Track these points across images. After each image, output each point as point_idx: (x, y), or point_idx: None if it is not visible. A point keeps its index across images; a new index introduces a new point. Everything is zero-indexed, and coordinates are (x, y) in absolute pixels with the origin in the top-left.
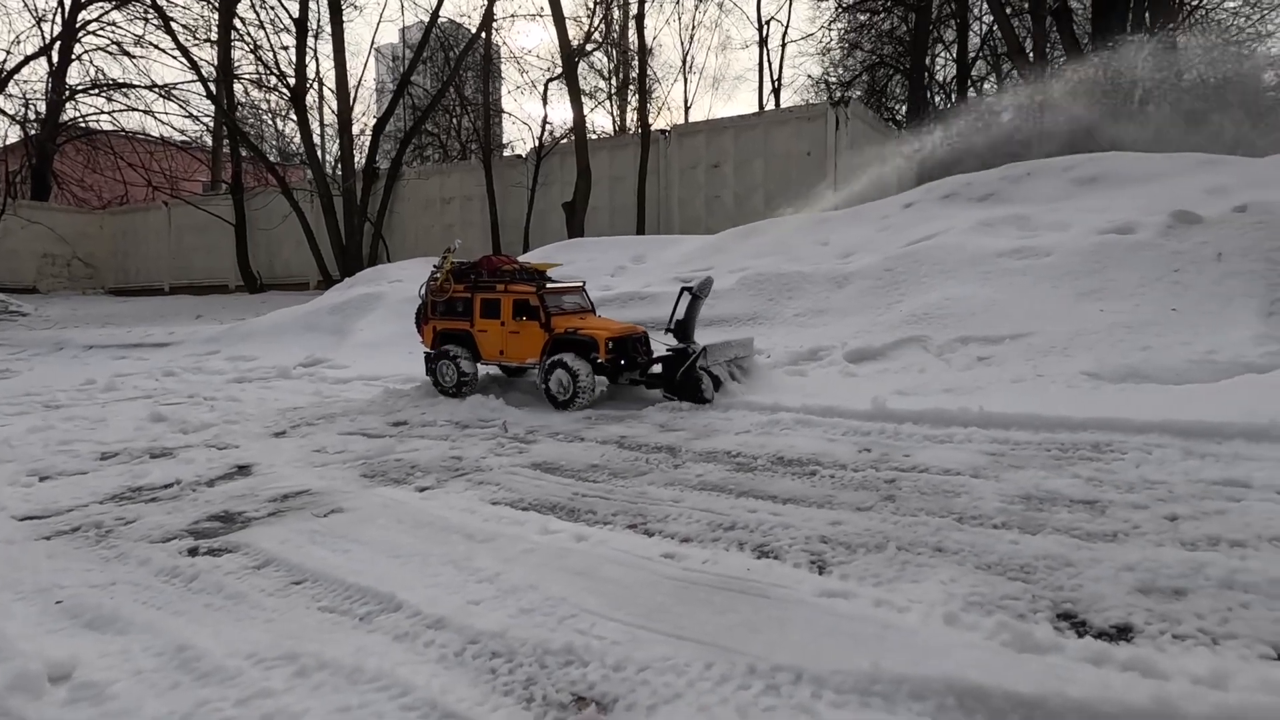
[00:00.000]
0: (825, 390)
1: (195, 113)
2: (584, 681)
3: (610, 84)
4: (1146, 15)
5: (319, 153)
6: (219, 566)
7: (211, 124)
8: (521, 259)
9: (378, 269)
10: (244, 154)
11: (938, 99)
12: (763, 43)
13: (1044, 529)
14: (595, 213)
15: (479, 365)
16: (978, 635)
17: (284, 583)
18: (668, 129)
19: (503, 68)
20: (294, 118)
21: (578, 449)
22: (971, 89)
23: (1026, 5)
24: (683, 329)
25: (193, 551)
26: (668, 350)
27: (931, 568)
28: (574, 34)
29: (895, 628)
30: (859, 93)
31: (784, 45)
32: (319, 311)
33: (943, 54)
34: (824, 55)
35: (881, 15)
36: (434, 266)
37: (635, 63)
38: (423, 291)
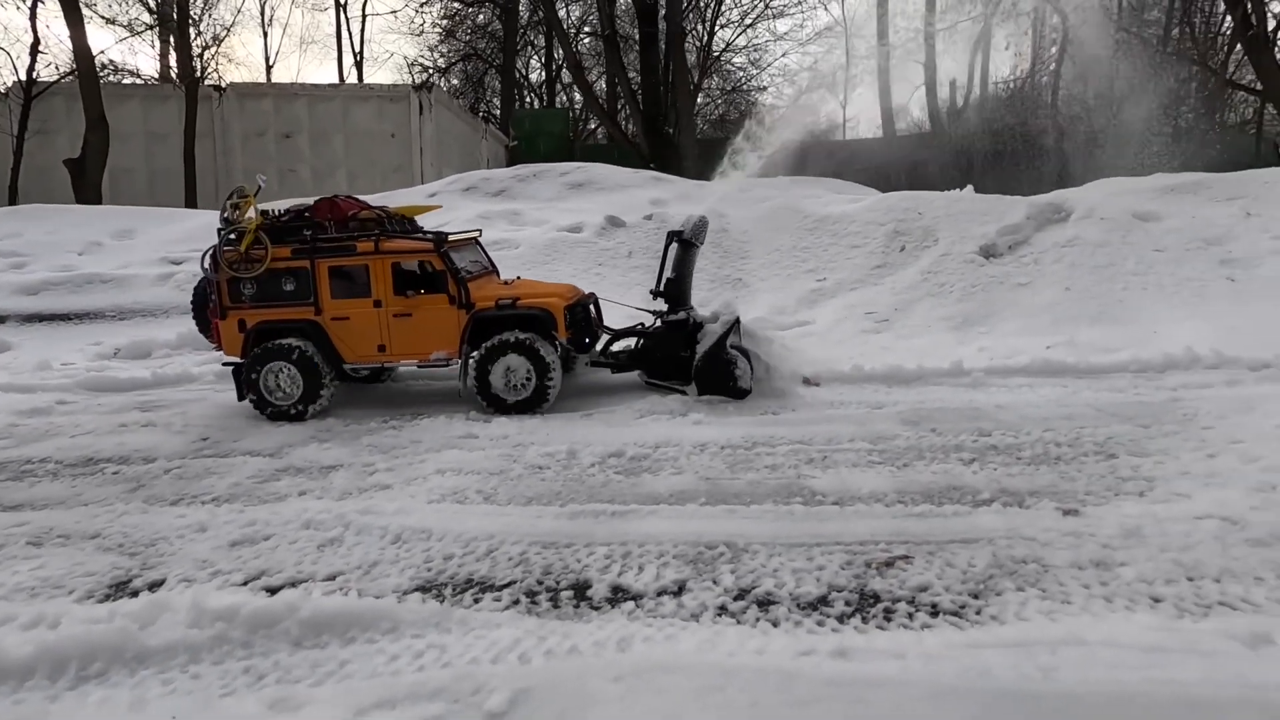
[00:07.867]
0: None
1: None
2: None
3: (153, 17)
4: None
5: None
6: None
7: None
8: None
9: None
10: None
11: (529, 98)
12: (341, 7)
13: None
14: (127, 176)
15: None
16: None
17: None
18: (224, 85)
19: None
20: None
21: None
22: (561, 94)
23: (598, 27)
24: (676, 290)
25: None
26: (658, 321)
27: (44, 558)
28: None
29: None
30: (455, 81)
31: (364, 16)
32: None
33: (535, 57)
34: (416, 36)
35: (474, 8)
36: (222, 220)
37: None
38: (207, 264)
